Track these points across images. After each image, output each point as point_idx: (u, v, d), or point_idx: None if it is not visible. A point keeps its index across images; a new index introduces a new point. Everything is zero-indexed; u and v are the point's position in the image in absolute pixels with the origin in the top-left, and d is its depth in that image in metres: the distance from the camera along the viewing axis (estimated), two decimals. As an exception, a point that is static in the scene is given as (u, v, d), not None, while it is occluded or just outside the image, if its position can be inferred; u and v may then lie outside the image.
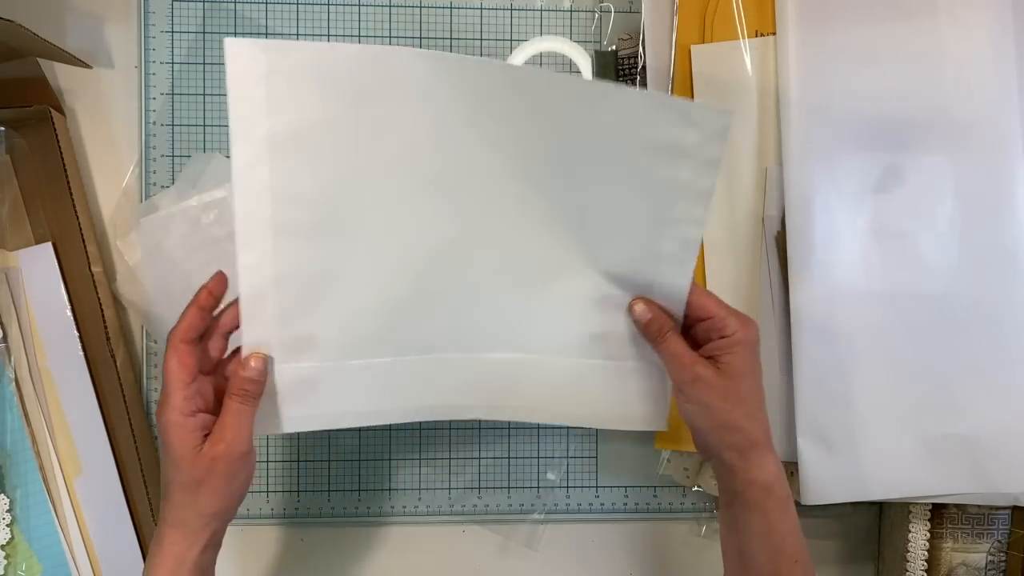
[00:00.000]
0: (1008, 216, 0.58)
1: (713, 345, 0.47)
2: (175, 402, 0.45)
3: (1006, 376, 0.58)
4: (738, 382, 0.47)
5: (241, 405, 0.45)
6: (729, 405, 0.47)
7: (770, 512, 0.47)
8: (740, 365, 0.47)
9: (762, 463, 0.47)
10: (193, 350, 0.46)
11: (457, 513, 0.65)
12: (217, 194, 0.62)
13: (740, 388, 0.47)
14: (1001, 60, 0.57)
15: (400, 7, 0.63)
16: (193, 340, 0.46)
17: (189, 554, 0.45)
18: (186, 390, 0.45)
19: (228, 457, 0.45)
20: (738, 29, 0.58)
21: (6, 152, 0.60)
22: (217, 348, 0.48)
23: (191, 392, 0.45)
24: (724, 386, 0.47)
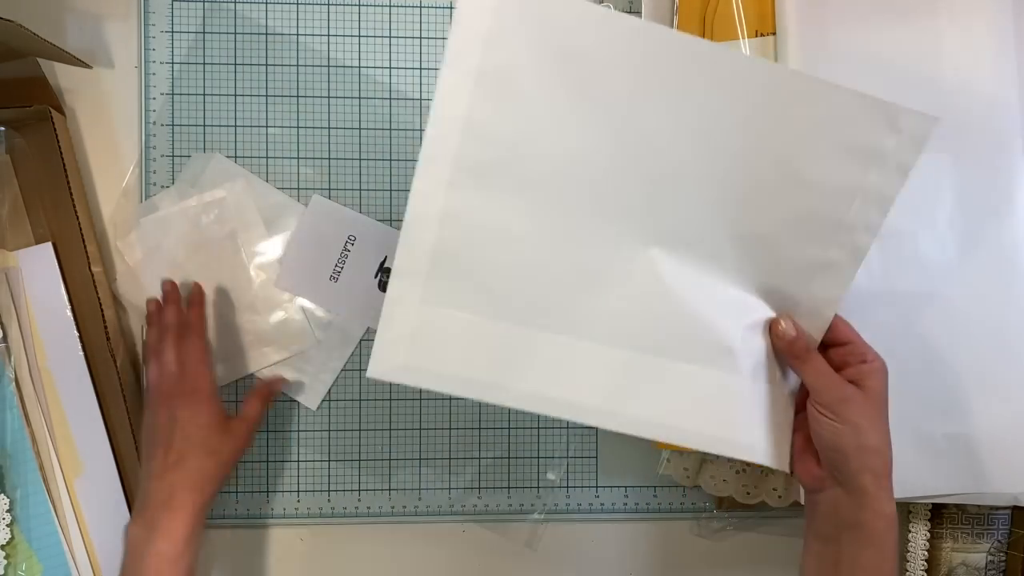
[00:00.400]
0: (1008, 216, 0.58)
1: (855, 370, 0.48)
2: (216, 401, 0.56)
3: (1006, 376, 0.58)
4: (882, 408, 0.48)
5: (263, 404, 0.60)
6: (874, 429, 0.47)
7: (889, 546, 0.47)
8: (882, 392, 0.48)
9: (890, 495, 0.47)
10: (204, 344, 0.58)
11: (457, 513, 0.65)
12: (217, 194, 0.62)
13: (883, 414, 0.48)
14: (1001, 60, 0.57)
15: (400, 7, 0.63)
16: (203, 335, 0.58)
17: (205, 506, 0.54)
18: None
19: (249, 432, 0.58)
20: (738, 29, 0.58)
21: (6, 152, 0.60)
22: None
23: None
24: (872, 409, 0.47)
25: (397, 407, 0.64)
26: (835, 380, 0.47)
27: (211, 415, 0.55)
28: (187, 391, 0.55)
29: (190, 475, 0.53)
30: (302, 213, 0.63)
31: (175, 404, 0.54)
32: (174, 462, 0.53)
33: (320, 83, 0.63)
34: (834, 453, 0.47)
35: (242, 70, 0.63)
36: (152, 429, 0.55)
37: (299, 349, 0.63)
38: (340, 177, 0.63)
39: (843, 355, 0.49)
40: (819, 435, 0.48)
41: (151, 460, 0.53)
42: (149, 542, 0.51)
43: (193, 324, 0.58)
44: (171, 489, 0.52)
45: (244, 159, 0.63)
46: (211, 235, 0.62)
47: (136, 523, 0.52)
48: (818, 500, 0.49)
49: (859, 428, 0.47)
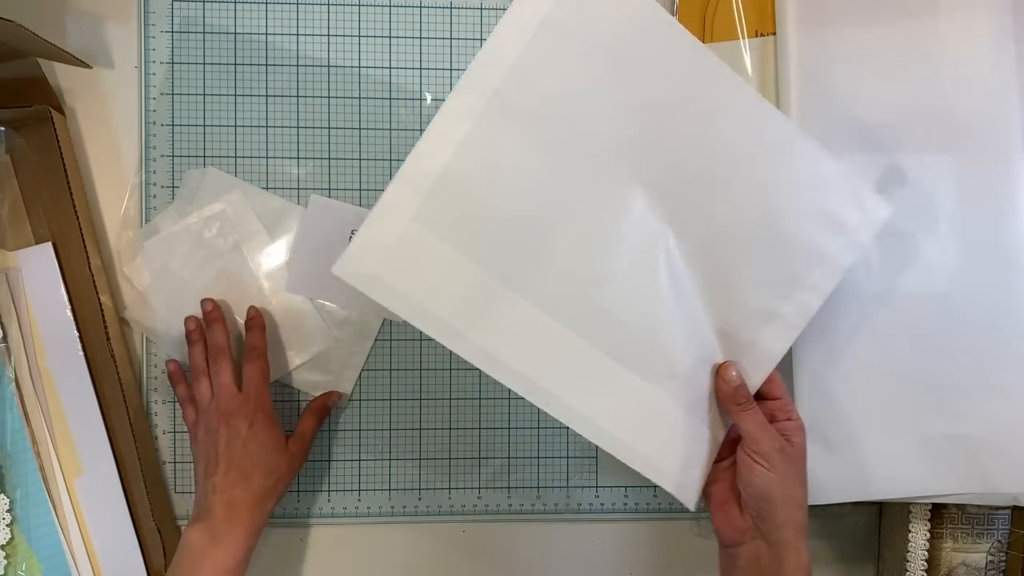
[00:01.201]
0: (1008, 216, 0.58)
1: (782, 425, 0.50)
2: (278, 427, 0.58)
3: (1006, 376, 0.58)
4: (803, 464, 0.50)
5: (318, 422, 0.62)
6: (800, 483, 0.49)
7: None
8: (803, 450, 0.50)
9: (806, 547, 0.49)
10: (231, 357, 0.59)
11: (457, 513, 0.65)
12: (216, 207, 0.62)
13: (804, 470, 0.50)
14: (1001, 60, 0.57)
15: (400, 7, 0.63)
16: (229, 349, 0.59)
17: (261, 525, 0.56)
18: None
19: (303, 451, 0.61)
20: (738, 29, 0.58)
21: (6, 152, 0.60)
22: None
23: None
24: (799, 464, 0.50)
25: (397, 407, 0.64)
26: (771, 431, 0.50)
27: (273, 436, 0.57)
28: (250, 411, 0.56)
29: (253, 493, 0.55)
30: (302, 215, 0.63)
31: (237, 423, 0.56)
32: (236, 479, 0.55)
33: (320, 83, 0.63)
34: (763, 503, 0.49)
35: (242, 70, 0.63)
36: (211, 445, 0.56)
37: (319, 350, 0.63)
38: (340, 177, 0.63)
39: (772, 409, 0.51)
40: (750, 482, 0.49)
41: (212, 475, 0.55)
42: (209, 551, 0.52)
43: (257, 347, 0.59)
44: (234, 504, 0.54)
45: (244, 159, 0.63)
46: (216, 249, 0.62)
47: (197, 529, 0.53)
48: (738, 554, 0.51)
49: (788, 480, 0.49)
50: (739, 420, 0.50)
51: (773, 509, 0.48)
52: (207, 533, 0.53)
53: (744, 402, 0.50)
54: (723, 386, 0.50)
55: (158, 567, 0.60)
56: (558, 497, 0.66)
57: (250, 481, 0.55)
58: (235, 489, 0.54)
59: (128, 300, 0.62)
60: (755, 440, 0.49)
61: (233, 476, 0.55)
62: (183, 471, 0.63)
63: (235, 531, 0.53)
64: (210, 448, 0.56)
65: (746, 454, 0.49)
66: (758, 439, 0.49)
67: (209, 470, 0.55)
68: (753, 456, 0.49)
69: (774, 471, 0.48)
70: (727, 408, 0.51)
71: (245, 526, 0.54)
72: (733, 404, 0.50)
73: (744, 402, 0.50)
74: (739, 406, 0.50)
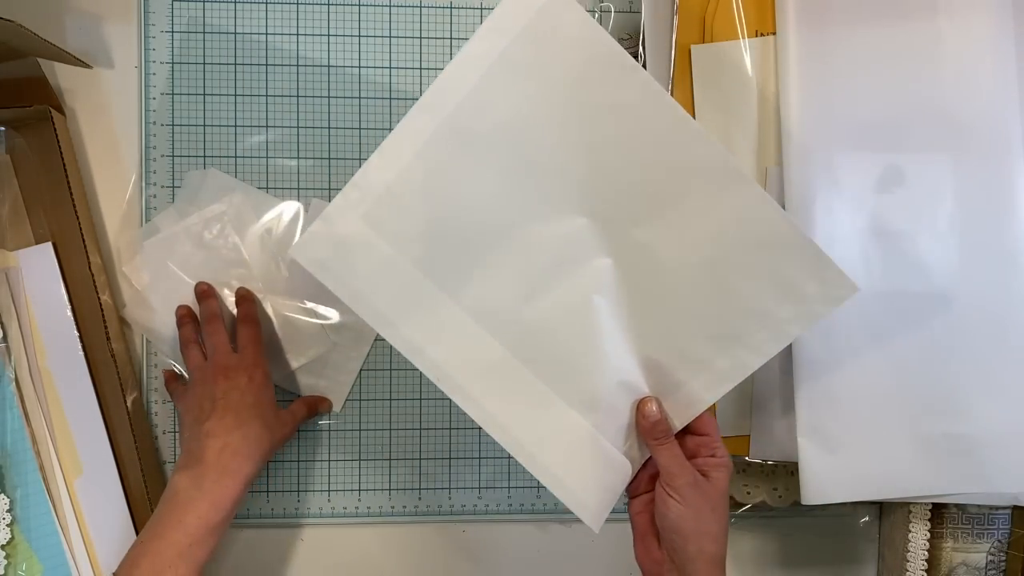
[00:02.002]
0: (1008, 216, 0.58)
1: (703, 461, 0.51)
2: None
3: (1006, 376, 0.58)
4: (722, 499, 0.50)
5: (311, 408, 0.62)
6: (715, 516, 0.49)
7: None
8: (723, 486, 0.50)
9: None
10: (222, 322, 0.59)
11: (457, 513, 0.65)
12: (217, 208, 0.62)
13: (723, 505, 0.50)
14: (1001, 60, 0.57)
15: (400, 7, 0.63)
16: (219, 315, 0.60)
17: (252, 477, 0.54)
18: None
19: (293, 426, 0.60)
20: (738, 29, 0.58)
21: (6, 152, 0.60)
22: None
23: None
24: (715, 498, 0.50)
25: (397, 407, 0.64)
26: (686, 466, 0.50)
27: (271, 394, 0.57)
28: (247, 365, 0.56)
29: (248, 442, 0.54)
30: (303, 218, 0.63)
31: (236, 375, 0.55)
32: (232, 425, 0.53)
33: (320, 83, 0.63)
34: (675, 535, 0.49)
35: (242, 70, 0.63)
36: (204, 395, 0.55)
37: (316, 353, 0.63)
38: (340, 177, 0.63)
39: (697, 445, 0.51)
40: (664, 515, 0.50)
41: (204, 421, 0.53)
42: (195, 501, 0.51)
43: (250, 313, 0.59)
44: (226, 450, 0.53)
45: (244, 159, 0.63)
46: (216, 250, 0.62)
47: (184, 475, 0.52)
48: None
49: (700, 513, 0.49)
50: (655, 454, 0.51)
51: (684, 542, 0.49)
52: (194, 481, 0.51)
53: (661, 437, 0.50)
54: (642, 420, 0.51)
55: (158, 567, 0.60)
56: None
57: (247, 428, 0.54)
58: (231, 435, 0.53)
59: (127, 299, 0.62)
60: (670, 474, 0.50)
61: (229, 422, 0.53)
62: (183, 471, 0.63)
63: (224, 481, 0.52)
64: (203, 397, 0.55)
65: (661, 487, 0.50)
66: (673, 473, 0.50)
67: (201, 417, 0.54)
68: (667, 489, 0.50)
69: (686, 504, 0.49)
70: (645, 441, 0.51)
71: (235, 476, 0.52)
72: (651, 438, 0.51)
73: (661, 437, 0.50)
74: (656, 440, 0.51)
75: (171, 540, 0.50)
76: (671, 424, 0.51)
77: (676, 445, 0.51)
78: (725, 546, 0.50)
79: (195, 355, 0.58)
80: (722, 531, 0.50)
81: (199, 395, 0.55)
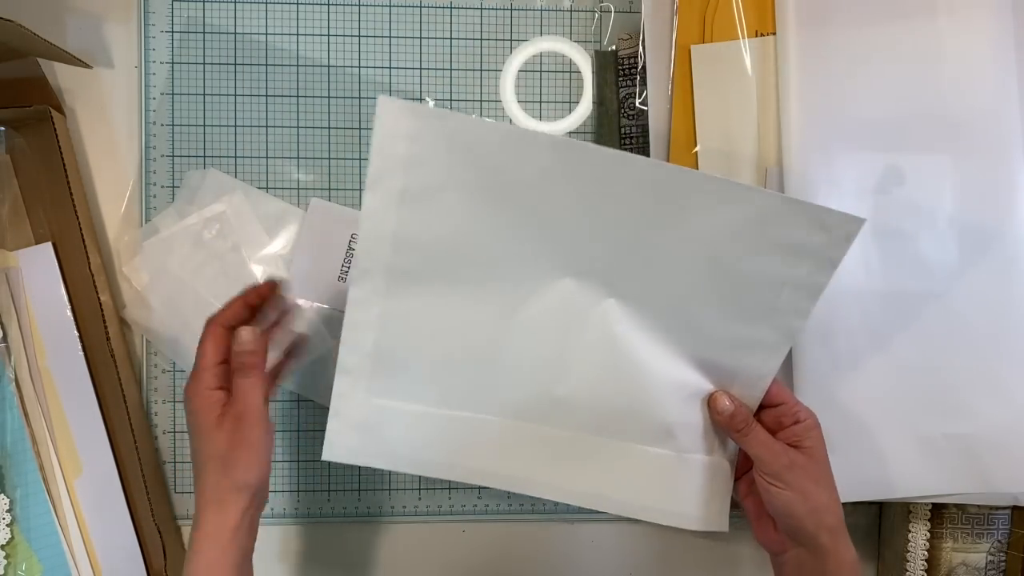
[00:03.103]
0: (1008, 216, 0.58)
1: (791, 431, 0.49)
2: (203, 377, 0.48)
3: (1006, 376, 0.58)
4: (823, 465, 0.49)
5: (244, 378, 0.48)
6: (822, 488, 0.48)
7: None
8: (821, 449, 0.49)
9: (848, 543, 0.49)
10: (228, 335, 0.49)
11: (457, 513, 0.65)
12: (216, 208, 0.62)
13: (826, 470, 0.49)
14: (1001, 60, 0.57)
15: (400, 7, 0.63)
16: (230, 328, 0.49)
17: (228, 525, 0.46)
18: (215, 368, 0.48)
19: (242, 421, 0.47)
20: (738, 29, 0.58)
21: (6, 152, 0.60)
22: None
23: (219, 371, 0.48)
24: (815, 469, 0.49)
25: (397, 407, 0.64)
26: (777, 449, 0.49)
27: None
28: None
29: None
30: (303, 218, 0.63)
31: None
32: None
33: (320, 83, 0.63)
34: (788, 519, 0.49)
35: (242, 70, 0.63)
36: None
37: (317, 354, 0.63)
38: (340, 177, 0.63)
39: (776, 416, 0.50)
40: (771, 503, 0.49)
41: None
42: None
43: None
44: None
45: (244, 159, 0.63)
46: (215, 250, 0.62)
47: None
48: (783, 561, 0.51)
49: (807, 492, 0.48)
50: (743, 444, 0.50)
51: (801, 523, 0.48)
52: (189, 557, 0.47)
53: (742, 427, 0.50)
54: (718, 417, 0.51)
55: (158, 567, 0.60)
56: (558, 497, 0.66)
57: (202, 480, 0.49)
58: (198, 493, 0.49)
59: (127, 299, 0.62)
60: (763, 462, 0.49)
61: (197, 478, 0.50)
62: (183, 471, 0.63)
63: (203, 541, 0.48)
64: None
65: (760, 476, 0.49)
66: (765, 461, 0.49)
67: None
68: (766, 479, 0.49)
69: (790, 489, 0.48)
70: (731, 436, 0.51)
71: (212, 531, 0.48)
72: (733, 431, 0.50)
73: (742, 427, 0.50)
74: (738, 432, 0.50)
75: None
76: (747, 411, 0.51)
77: (760, 430, 0.50)
78: (840, 509, 0.49)
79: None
80: (833, 498, 0.49)
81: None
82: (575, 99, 0.64)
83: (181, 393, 0.63)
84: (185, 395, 0.48)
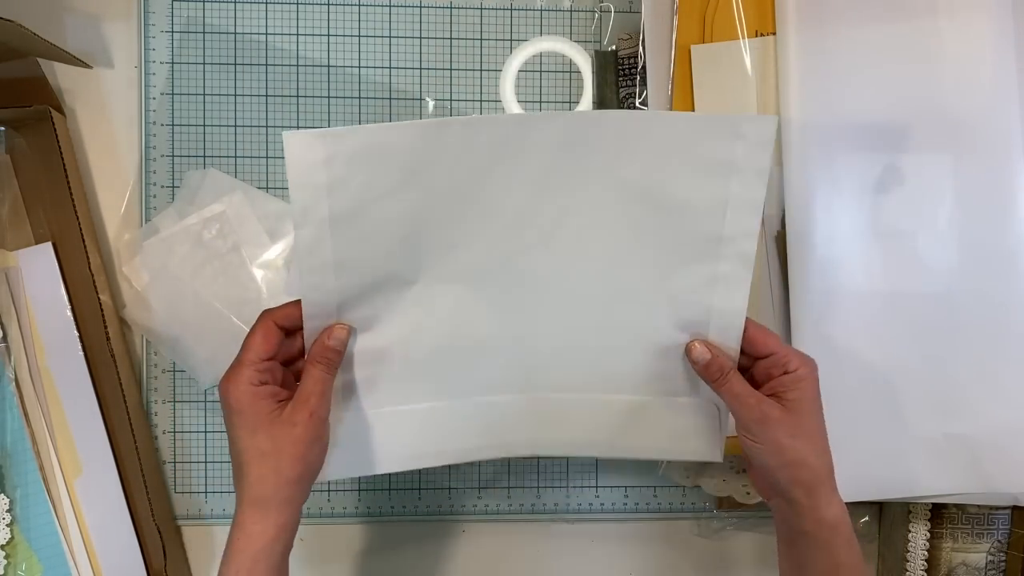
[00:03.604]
0: (1008, 216, 0.58)
1: (777, 382, 0.48)
2: (248, 373, 0.45)
3: (1006, 376, 0.58)
4: (805, 418, 0.47)
5: (324, 372, 0.47)
6: (798, 443, 0.47)
7: (837, 550, 0.47)
8: (806, 401, 0.47)
9: (830, 500, 0.47)
10: (280, 333, 0.47)
11: (457, 513, 0.65)
12: (216, 208, 0.62)
13: (807, 424, 0.47)
14: (1001, 60, 0.57)
15: (400, 7, 0.63)
16: (283, 327, 0.47)
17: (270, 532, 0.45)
18: (260, 364, 0.46)
19: (311, 421, 0.45)
20: (738, 29, 0.58)
21: (6, 152, 0.60)
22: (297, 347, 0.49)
23: (265, 368, 0.46)
24: (792, 422, 0.47)
25: (397, 407, 0.64)
26: (750, 402, 0.47)
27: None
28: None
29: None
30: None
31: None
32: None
33: (320, 83, 0.63)
34: (763, 470, 0.48)
35: (242, 70, 0.63)
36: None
37: None
38: (340, 177, 0.63)
39: (767, 367, 0.48)
40: (746, 455, 0.49)
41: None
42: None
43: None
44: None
45: (244, 159, 0.63)
46: (215, 250, 0.62)
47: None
48: (774, 507, 0.51)
49: (780, 446, 0.47)
50: (720, 395, 0.49)
51: (774, 475, 0.47)
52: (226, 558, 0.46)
53: (718, 376, 0.48)
54: (695, 367, 0.49)
55: (158, 567, 0.60)
56: (558, 497, 0.66)
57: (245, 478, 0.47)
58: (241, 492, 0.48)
59: (127, 300, 0.62)
60: (736, 414, 0.48)
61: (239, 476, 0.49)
62: (183, 471, 0.63)
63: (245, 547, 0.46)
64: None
65: (737, 428, 0.49)
66: (737, 413, 0.48)
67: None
68: (740, 432, 0.48)
69: (760, 441, 0.47)
70: (710, 386, 0.50)
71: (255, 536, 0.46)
72: (711, 380, 0.49)
73: (718, 376, 0.48)
74: (715, 382, 0.49)
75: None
76: (726, 358, 0.49)
77: (735, 382, 0.48)
78: (824, 465, 0.47)
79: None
80: (812, 453, 0.47)
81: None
82: (575, 99, 0.64)
83: (181, 393, 0.63)
84: (224, 388, 0.45)
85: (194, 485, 0.64)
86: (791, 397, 0.47)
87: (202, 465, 0.63)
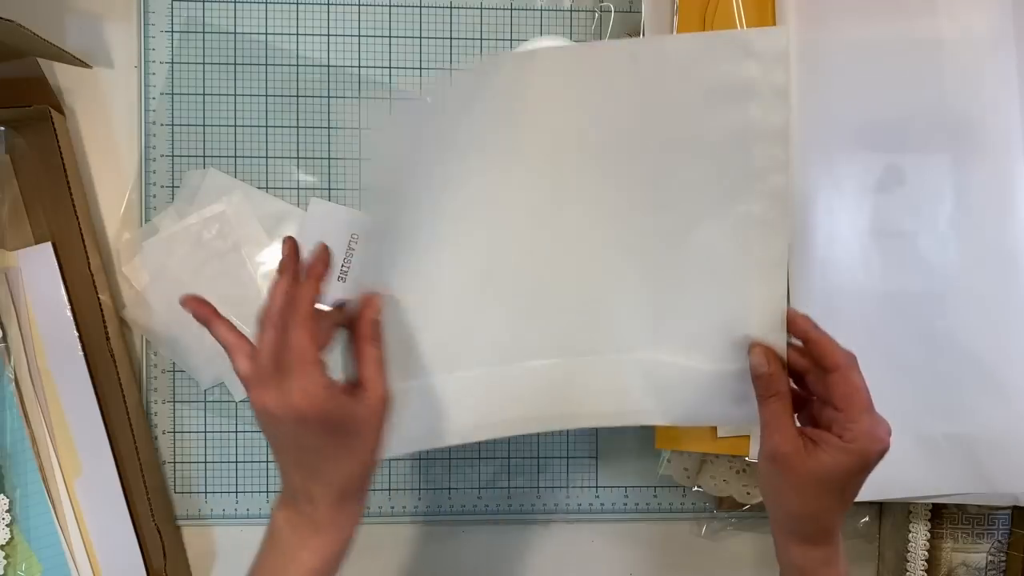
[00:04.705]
0: (1008, 216, 0.58)
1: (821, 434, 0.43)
2: (318, 376, 0.42)
3: (1006, 376, 0.58)
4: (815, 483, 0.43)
5: (379, 349, 0.45)
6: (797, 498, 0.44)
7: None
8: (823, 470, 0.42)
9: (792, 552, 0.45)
10: (318, 323, 0.44)
11: (457, 513, 0.65)
12: (216, 208, 0.62)
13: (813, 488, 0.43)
14: (1001, 60, 0.57)
15: (400, 7, 0.63)
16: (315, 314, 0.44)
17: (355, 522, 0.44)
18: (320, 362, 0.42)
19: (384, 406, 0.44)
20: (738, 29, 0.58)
21: (6, 152, 0.60)
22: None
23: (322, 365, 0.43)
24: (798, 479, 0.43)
25: (397, 407, 0.64)
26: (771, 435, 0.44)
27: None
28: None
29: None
30: (302, 218, 0.63)
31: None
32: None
33: (320, 83, 0.63)
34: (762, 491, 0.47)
35: (242, 70, 0.63)
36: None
37: None
38: (340, 177, 0.63)
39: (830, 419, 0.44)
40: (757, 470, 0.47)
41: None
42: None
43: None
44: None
45: (243, 159, 0.63)
46: (215, 250, 0.62)
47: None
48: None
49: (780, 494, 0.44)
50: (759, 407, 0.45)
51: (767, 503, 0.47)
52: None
53: (763, 394, 0.45)
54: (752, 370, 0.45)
55: (158, 567, 0.60)
56: (558, 497, 0.66)
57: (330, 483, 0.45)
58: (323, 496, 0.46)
59: (127, 300, 0.62)
60: (762, 436, 0.45)
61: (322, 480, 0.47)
62: (183, 471, 0.63)
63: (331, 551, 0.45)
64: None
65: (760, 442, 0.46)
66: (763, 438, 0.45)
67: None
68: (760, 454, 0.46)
69: (763, 475, 0.45)
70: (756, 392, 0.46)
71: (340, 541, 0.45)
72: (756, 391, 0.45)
73: (763, 394, 0.45)
74: (759, 396, 0.45)
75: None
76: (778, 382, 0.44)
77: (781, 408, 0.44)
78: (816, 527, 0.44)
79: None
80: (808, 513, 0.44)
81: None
82: (575, 99, 0.64)
83: (181, 393, 0.63)
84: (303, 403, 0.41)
85: (194, 485, 0.63)
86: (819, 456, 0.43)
87: (202, 465, 0.63)
